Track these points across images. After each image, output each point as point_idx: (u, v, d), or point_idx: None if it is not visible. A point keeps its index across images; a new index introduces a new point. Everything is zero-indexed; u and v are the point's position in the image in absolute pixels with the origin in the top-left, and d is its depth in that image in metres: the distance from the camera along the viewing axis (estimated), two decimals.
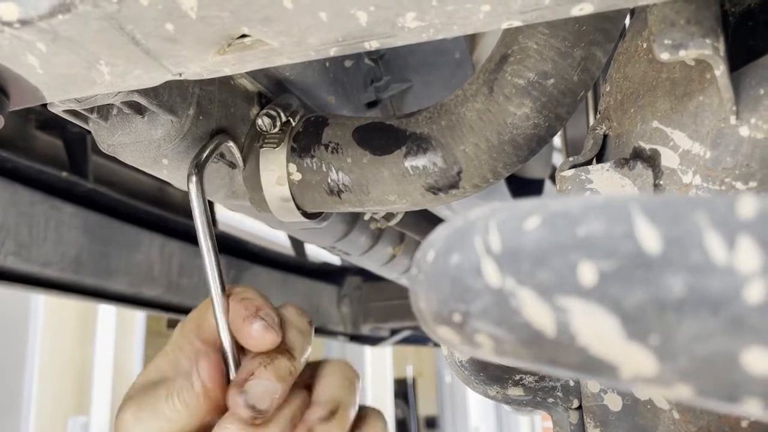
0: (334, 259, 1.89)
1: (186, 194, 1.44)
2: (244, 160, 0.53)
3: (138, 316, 4.20)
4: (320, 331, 1.74)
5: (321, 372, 0.46)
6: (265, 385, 0.41)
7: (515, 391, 0.40)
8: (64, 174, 1.02)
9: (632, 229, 0.19)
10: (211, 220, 0.46)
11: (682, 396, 0.19)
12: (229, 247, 1.44)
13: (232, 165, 0.53)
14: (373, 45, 0.33)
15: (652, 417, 0.36)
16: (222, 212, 1.57)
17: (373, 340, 1.97)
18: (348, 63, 0.63)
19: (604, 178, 0.37)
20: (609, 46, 0.44)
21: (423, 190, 0.49)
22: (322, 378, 0.45)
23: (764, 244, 0.17)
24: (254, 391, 0.41)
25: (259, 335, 0.43)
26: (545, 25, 0.41)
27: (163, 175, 0.50)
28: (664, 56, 0.31)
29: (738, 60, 0.34)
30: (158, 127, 0.45)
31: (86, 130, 0.48)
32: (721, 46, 0.31)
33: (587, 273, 0.19)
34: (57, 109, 0.42)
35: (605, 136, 0.39)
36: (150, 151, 0.46)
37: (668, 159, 0.36)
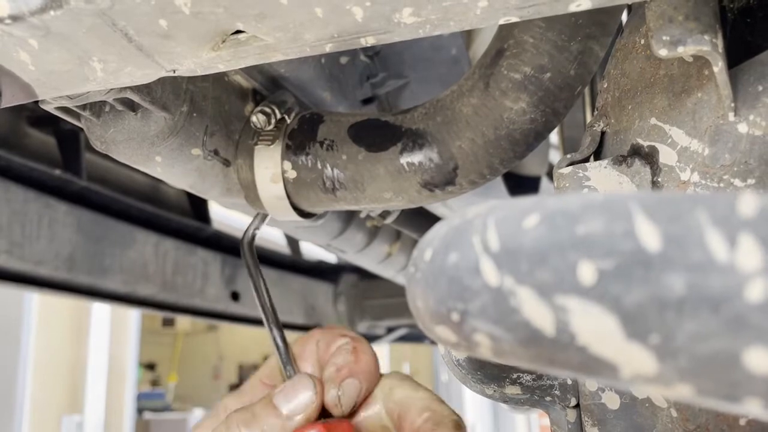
0: (330, 257, 1.89)
1: (180, 191, 1.42)
2: (239, 158, 0.53)
3: (132, 315, 4.19)
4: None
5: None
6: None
7: (512, 390, 0.40)
8: (57, 172, 1.02)
9: (632, 228, 0.19)
10: (262, 285, 0.50)
11: (682, 395, 0.19)
12: (224, 245, 1.44)
13: (227, 162, 0.52)
14: (369, 41, 0.33)
15: (650, 415, 0.36)
16: (216, 210, 1.57)
17: (370, 339, 1.96)
18: (343, 59, 0.62)
19: (602, 175, 0.36)
20: (606, 40, 0.43)
21: (419, 187, 0.49)
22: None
23: (765, 242, 0.17)
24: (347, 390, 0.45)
25: (331, 403, 0.46)
26: (541, 18, 0.41)
27: (156, 172, 0.49)
28: (663, 52, 0.31)
29: (736, 56, 0.34)
30: (151, 124, 0.45)
31: (79, 127, 0.48)
32: (720, 42, 0.31)
33: (587, 272, 0.19)
34: (49, 107, 0.41)
35: (603, 133, 0.39)
36: (143, 148, 0.46)
37: (666, 156, 0.35)
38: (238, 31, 0.33)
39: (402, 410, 0.46)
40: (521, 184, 1.07)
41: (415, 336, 2.07)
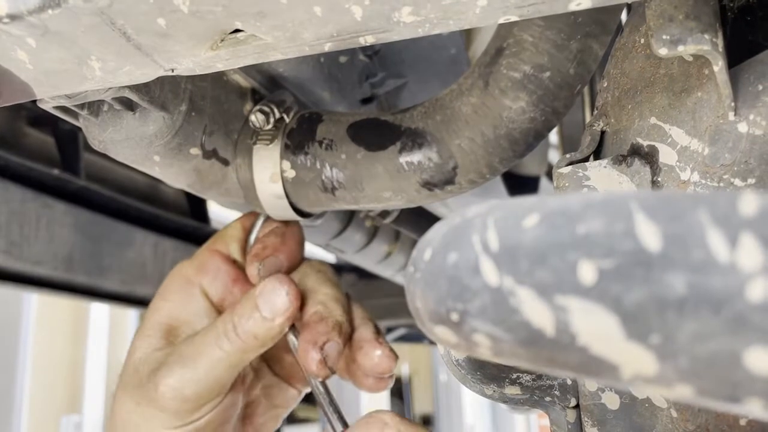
0: (329, 257, 1.89)
1: (178, 191, 1.42)
2: (238, 157, 0.53)
3: (131, 315, 4.18)
4: None
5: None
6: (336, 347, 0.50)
7: (512, 390, 0.40)
8: (56, 171, 1.01)
9: (632, 227, 0.19)
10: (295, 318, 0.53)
11: (682, 396, 0.19)
12: None
13: (226, 162, 0.52)
14: (368, 40, 0.33)
15: (649, 415, 0.35)
16: (215, 209, 1.57)
17: None
18: (342, 59, 0.62)
19: (602, 175, 0.36)
20: (606, 39, 0.43)
21: (418, 186, 0.49)
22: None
23: (767, 242, 0.17)
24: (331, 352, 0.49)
25: (252, 275, 0.53)
26: (541, 17, 0.41)
27: (154, 172, 0.49)
28: (663, 52, 0.31)
29: (736, 56, 0.34)
30: (149, 124, 0.45)
31: (78, 127, 0.47)
32: (720, 41, 0.31)
33: (587, 271, 0.19)
34: (47, 106, 0.41)
35: (602, 133, 0.39)
36: (141, 147, 0.46)
37: (666, 155, 0.35)
38: (237, 30, 0.33)
39: (304, 296, 0.53)
40: (520, 184, 1.07)
41: (415, 336, 2.07)
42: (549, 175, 1.19)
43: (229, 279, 0.55)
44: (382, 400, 5.82)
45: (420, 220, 0.94)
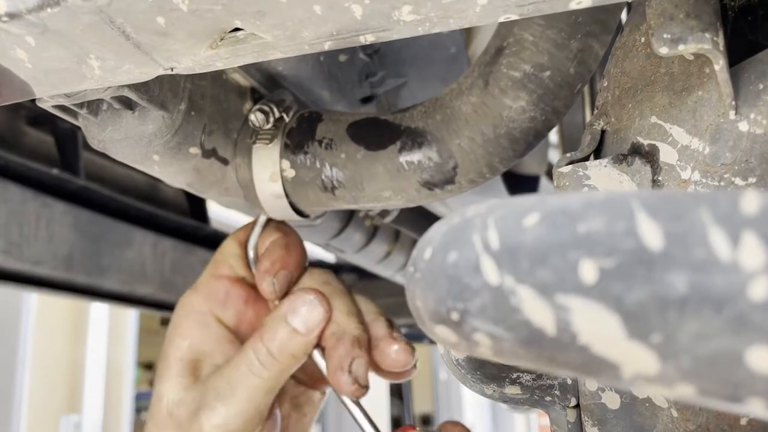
0: (329, 257, 1.89)
1: (178, 191, 1.42)
2: (237, 157, 0.53)
3: (130, 315, 4.18)
4: None
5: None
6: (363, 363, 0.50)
7: (512, 390, 0.40)
8: (55, 171, 1.01)
9: (634, 226, 0.18)
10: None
11: (684, 395, 0.19)
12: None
13: (225, 161, 0.52)
14: (368, 39, 0.33)
15: (650, 415, 0.35)
16: (215, 209, 1.57)
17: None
18: (342, 58, 0.62)
19: (602, 174, 0.36)
20: (606, 38, 0.43)
21: (418, 186, 0.49)
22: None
23: None
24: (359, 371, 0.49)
25: (267, 291, 0.52)
26: (541, 16, 0.41)
27: (154, 171, 0.49)
28: (663, 51, 0.31)
29: (737, 55, 0.34)
30: (149, 123, 0.45)
31: (77, 126, 0.47)
32: (721, 40, 0.31)
33: (588, 270, 0.19)
34: (45, 105, 0.41)
35: (603, 132, 0.39)
36: (140, 147, 0.45)
37: (667, 154, 0.35)
38: (237, 29, 0.33)
39: None
40: (520, 184, 1.07)
41: (414, 336, 2.07)
42: (549, 174, 1.19)
43: (241, 301, 0.55)
44: (381, 399, 5.82)
45: (420, 219, 0.94)
